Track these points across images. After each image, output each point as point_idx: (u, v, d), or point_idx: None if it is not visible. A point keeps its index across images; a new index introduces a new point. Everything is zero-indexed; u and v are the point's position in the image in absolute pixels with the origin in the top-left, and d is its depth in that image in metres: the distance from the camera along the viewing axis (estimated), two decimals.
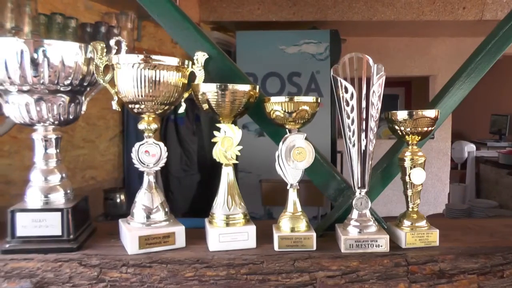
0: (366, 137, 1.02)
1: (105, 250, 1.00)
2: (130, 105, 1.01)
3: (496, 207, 3.48)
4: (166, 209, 1.05)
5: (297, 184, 1.04)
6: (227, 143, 1.01)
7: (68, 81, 1.00)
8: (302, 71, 3.87)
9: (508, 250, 1.02)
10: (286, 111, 1.00)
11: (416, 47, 5.62)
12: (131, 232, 0.98)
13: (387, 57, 5.38)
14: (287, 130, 1.05)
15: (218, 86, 0.98)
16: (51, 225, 0.99)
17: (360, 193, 1.05)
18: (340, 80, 1.00)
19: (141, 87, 0.97)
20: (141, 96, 0.98)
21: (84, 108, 1.11)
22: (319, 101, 1.03)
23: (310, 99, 1.01)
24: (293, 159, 1.00)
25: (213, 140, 1.01)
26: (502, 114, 7.15)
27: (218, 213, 1.03)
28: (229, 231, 1.01)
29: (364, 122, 1.02)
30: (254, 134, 3.73)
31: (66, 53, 0.97)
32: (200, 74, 1.06)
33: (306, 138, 1.02)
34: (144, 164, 1.02)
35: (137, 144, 1.02)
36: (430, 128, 1.08)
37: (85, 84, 1.05)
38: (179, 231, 1.02)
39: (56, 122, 1.04)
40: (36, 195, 1.03)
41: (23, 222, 0.99)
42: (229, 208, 1.02)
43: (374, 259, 0.97)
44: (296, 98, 1.00)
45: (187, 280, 0.92)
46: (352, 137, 1.02)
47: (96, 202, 2.73)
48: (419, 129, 1.07)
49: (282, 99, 1.01)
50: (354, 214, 1.05)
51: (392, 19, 4.39)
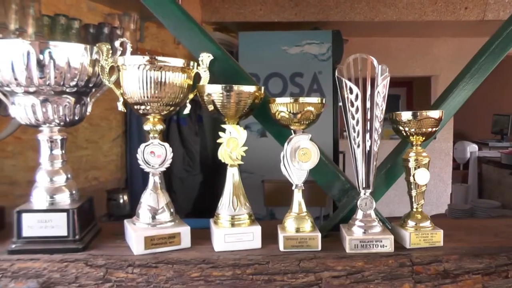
0: (370, 138, 1.02)
1: (111, 251, 1.00)
2: (135, 106, 1.02)
3: (499, 207, 3.47)
4: (172, 210, 1.05)
5: (302, 184, 1.04)
6: (232, 144, 1.01)
7: (74, 82, 1.00)
8: (304, 72, 3.86)
9: None
10: (291, 112, 1.01)
11: (418, 47, 5.62)
12: (137, 233, 0.99)
13: (389, 57, 5.37)
14: (292, 131, 1.05)
15: (224, 87, 0.99)
16: (57, 226, 1.00)
17: (364, 194, 1.05)
18: (345, 81, 1.01)
19: (146, 88, 0.97)
20: (147, 97, 0.98)
21: (89, 109, 1.12)
22: (323, 102, 1.04)
23: (315, 100, 1.01)
24: (298, 159, 1.01)
25: (218, 141, 1.02)
26: (504, 114, 7.13)
27: (224, 213, 1.04)
28: (234, 231, 1.02)
29: (369, 123, 1.02)
30: (256, 134, 3.73)
31: (72, 54, 0.97)
32: (205, 75, 1.07)
33: (311, 139, 1.02)
34: (149, 165, 1.02)
35: (142, 145, 1.02)
36: (434, 129, 1.08)
37: (90, 85, 1.05)
38: (185, 231, 1.02)
39: (61, 123, 1.05)
40: (42, 195, 1.03)
41: (29, 223, 0.99)
42: (234, 208, 1.03)
43: (379, 259, 0.98)
44: (301, 99, 1.00)
45: (193, 280, 0.92)
46: (357, 137, 1.03)
47: (99, 203, 2.73)
48: (423, 129, 1.07)
49: (287, 100, 1.01)
50: (359, 214, 1.05)
51: (394, 20, 4.38)
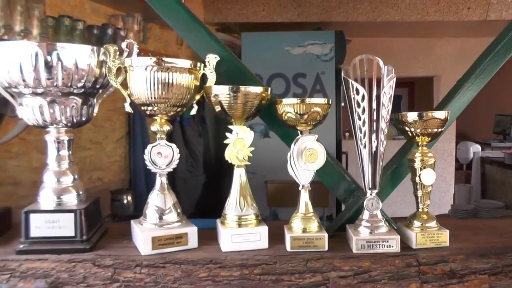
0: (377, 138, 1.03)
1: (118, 251, 1.00)
2: (142, 107, 1.02)
3: (502, 207, 3.47)
4: (179, 210, 1.06)
5: (308, 185, 1.04)
6: (239, 145, 1.02)
7: (81, 84, 1.00)
8: (307, 72, 3.87)
9: None
10: (298, 112, 1.01)
11: (420, 48, 5.62)
12: (144, 233, 0.99)
13: (392, 57, 5.36)
14: (298, 131, 1.06)
15: (231, 88, 0.99)
16: (64, 226, 1.00)
17: (371, 194, 1.05)
18: (351, 82, 1.01)
19: (153, 89, 0.97)
20: (154, 98, 0.99)
21: (96, 110, 1.12)
22: (330, 102, 1.04)
23: (322, 100, 1.02)
24: (305, 160, 1.01)
25: (225, 141, 1.02)
26: (507, 114, 7.13)
27: (230, 214, 1.04)
28: (241, 231, 1.02)
29: (375, 123, 1.02)
30: (259, 135, 3.73)
31: (79, 55, 0.98)
32: (211, 76, 1.07)
33: (317, 140, 1.03)
34: (156, 166, 1.03)
35: (149, 146, 1.02)
36: (440, 129, 1.08)
37: (97, 86, 1.06)
38: (192, 231, 1.03)
39: (69, 124, 1.05)
40: (49, 196, 1.04)
41: (37, 223, 1.00)
42: (241, 209, 1.03)
43: (385, 260, 0.98)
44: (308, 100, 1.01)
45: (201, 280, 0.92)
46: (363, 138, 1.03)
47: (103, 203, 2.71)
48: (429, 130, 1.07)
49: (294, 100, 1.01)
50: (365, 214, 1.05)
51: (397, 20, 4.39)
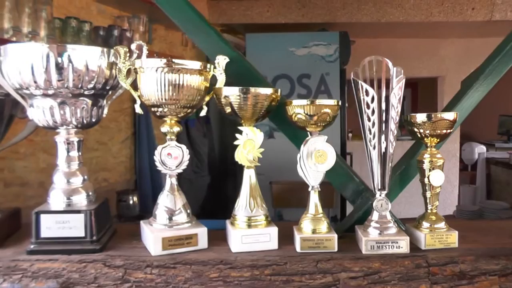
0: (386, 139, 1.03)
1: (128, 251, 1.01)
2: (152, 108, 1.03)
3: (508, 208, 3.45)
4: (188, 211, 1.06)
5: (318, 186, 1.04)
6: (249, 146, 1.02)
7: (92, 85, 1.01)
8: (312, 73, 3.87)
9: None
10: (308, 114, 1.01)
11: (424, 48, 5.61)
12: (154, 234, 0.99)
13: (396, 58, 5.26)
14: (308, 133, 1.06)
15: (241, 90, 1.00)
16: (75, 227, 1.01)
17: (380, 195, 1.05)
18: (360, 83, 1.01)
19: (164, 91, 0.98)
20: (164, 99, 0.99)
21: (105, 111, 1.13)
22: (339, 103, 1.04)
23: (331, 102, 1.02)
24: (315, 161, 1.01)
25: (235, 142, 1.03)
26: (510, 115, 7.11)
27: (240, 215, 1.04)
28: (251, 232, 1.02)
29: (384, 125, 1.02)
30: (264, 136, 3.72)
31: (90, 57, 0.98)
32: (221, 78, 1.07)
33: (326, 141, 1.03)
34: (166, 167, 1.04)
35: (159, 147, 1.03)
36: (449, 131, 1.08)
37: (107, 87, 1.06)
38: (202, 232, 1.03)
39: (79, 125, 1.06)
40: (59, 197, 1.04)
41: (47, 224, 1.00)
42: (251, 210, 1.04)
43: (395, 260, 0.98)
44: (318, 101, 1.01)
45: (212, 281, 0.93)
46: (373, 139, 1.03)
47: (109, 204, 2.73)
48: (438, 131, 1.07)
49: (304, 102, 1.02)
50: (375, 215, 1.05)
51: (401, 21, 4.37)
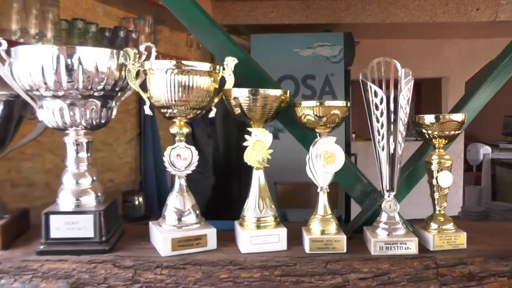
0: (395, 141, 1.03)
1: (138, 252, 1.01)
2: (162, 110, 1.03)
3: None
4: (197, 212, 1.07)
5: (327, 187, 1.05)
6: (258, 147, 1.02)
7: (101, 87, 1.02)
8: (316, 74, 3.87)
9: None
10: (317, 115, 1.02)
11: (429, 49, 5.60)
12: (164, 234, 1.00)
13: (400, 59, 5.22)
14: (317, 134, 1.06)
15: (250, 91, 1.00)
16: (84, 227, 1.01)
17: (389, 196, 1.05)
18: (369, 85, 1.01)
19: (173, 92, 0.98)
20: (173, 101, 0.99)
21: (114, 112, 1.14)
22: (348, 105, 1.04)
23: (340, 103, 1.02)
24: (324, 162, 1.01)
25: (244, 144, 1.03)
26: None
27: (249, 215, 1.05)
28: (260, 233, 1.02)
29: (393, 126, 1.03)
30: None
31: (99, 59, 0.99)
32: (230, 79, 1.07)
33: (335, 142, 1.03)
34: (175, 168, 1.04)
35: (169, 148, 1.03)
36: (457, 132, 1.08)
37: (116, 89, 1.07)
38: (211, 233, 1.04)
39: (88, 127, 1.06)
40: (68, 197, 1.05)
41: (57, 224, 1.01)
42: (260, 210, 1.04)
43: (404, 262, 0.98)
44: (327, 103, 1.01)
45: (221, 282, 0.93)
46: (382, 140, 1.03)
47: None
48: (446, 132, 1.07)
49: (313, 103, 1.02)
50: (383, 217, 1.06)
51: (405, 21, 4.37)
